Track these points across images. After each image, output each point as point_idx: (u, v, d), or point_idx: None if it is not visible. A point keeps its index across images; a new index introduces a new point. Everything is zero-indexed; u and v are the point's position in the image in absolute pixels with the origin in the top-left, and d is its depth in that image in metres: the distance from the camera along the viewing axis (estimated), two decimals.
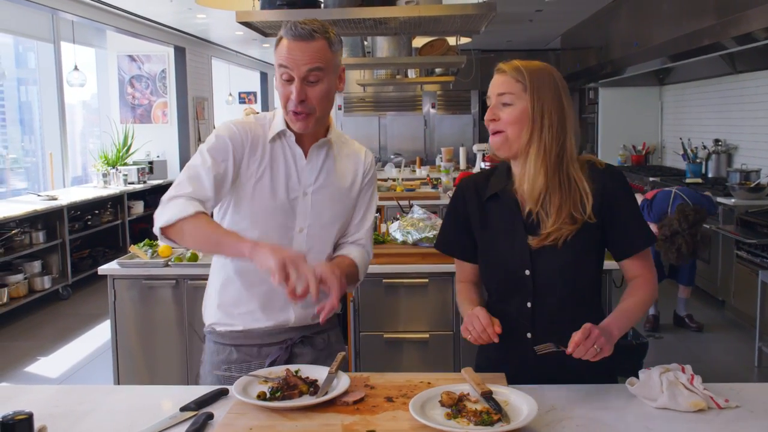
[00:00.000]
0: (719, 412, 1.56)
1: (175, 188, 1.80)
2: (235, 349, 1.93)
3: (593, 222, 1.70)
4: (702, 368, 4.58)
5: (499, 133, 1.72)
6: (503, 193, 1.78)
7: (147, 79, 9.82)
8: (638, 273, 1.78)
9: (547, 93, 1.68)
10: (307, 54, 1.75)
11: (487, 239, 1.81)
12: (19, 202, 6.86)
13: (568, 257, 1.71)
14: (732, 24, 4.77)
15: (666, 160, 9.02)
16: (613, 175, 1.75)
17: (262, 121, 1.91)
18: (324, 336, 1.99)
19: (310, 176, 1.89)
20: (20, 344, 5.41)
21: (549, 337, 1.68)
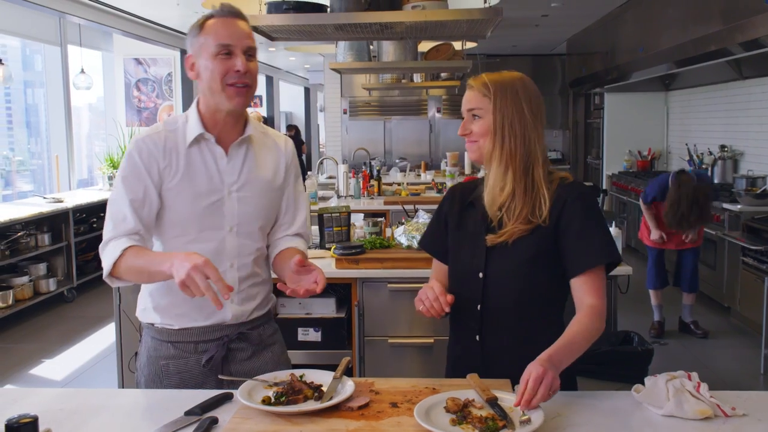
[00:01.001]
0: (726, 420, 1.55)
1: (105, 232, 1.85)
2: (172, 345, 1.94)
3: (546, 226, 1.74)
4: (707, 375, 4.57)
5: (474, 143, 1.82)
6: (476, 200, 1.86)
7: (153, 82, 9.85)
8: (586, 299, 1.72)
9: (509, 105, 1.76)
10: (245, 29, 1.84)
11: (455, 241, 1.90)
12: (24, 204, 6.88)
13: (518, 258, 1.75)
14: (738, 30, 4.76)
15: (672, 165, 8.99)
16: (577, 190, 1.78)
17: (172, 126, 1.90)
18: (259, 330, 2.01)
19: (231, 175, 1.90)
20: (25, 347, 5.42)
21: (497, 342, 1.78)
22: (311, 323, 3.28)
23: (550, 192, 1.76)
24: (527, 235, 1.74)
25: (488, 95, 1.77)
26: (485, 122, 1.78)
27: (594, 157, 10.74)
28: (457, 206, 1.92)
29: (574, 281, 1.75)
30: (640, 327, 4.68)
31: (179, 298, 1.87)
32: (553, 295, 1.81)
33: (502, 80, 1.79)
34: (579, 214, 1.74)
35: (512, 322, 1.78)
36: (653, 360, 4.26)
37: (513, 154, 1.75)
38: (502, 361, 1.78)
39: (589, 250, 1.73)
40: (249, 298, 1.97)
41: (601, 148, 9.97)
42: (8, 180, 8.00)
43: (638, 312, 5.74)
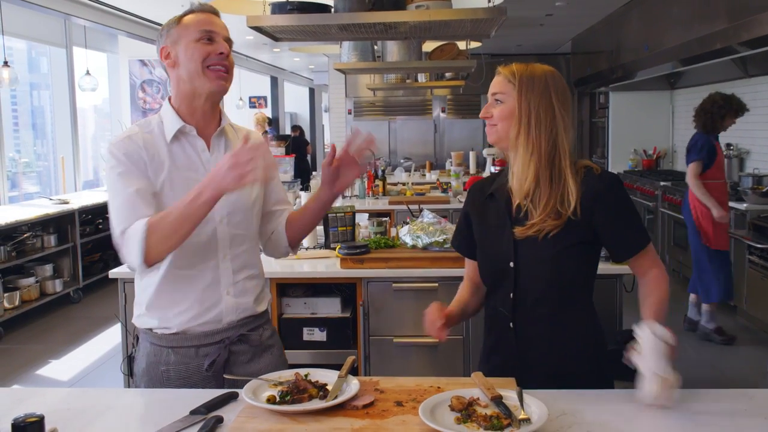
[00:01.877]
0: (733, 419, 1.55)
1: (115, 227, 1.80)
2: (173, 351, 1.92)
3: (577, 219, 1.76)
4: (714, 374, 4.56)
5: (493, 127, 1.86)
6: (498, 191, 1.89)
7: (158, 83, 9.87)
8: (646, 269, 1.84)
9: (536, 94, 1.79)
10: (222, 23, 1.91)
11: (481, 234, 1.94)
12: (31, 205, 6.91)
13: (550, 250, 1.77)
14: (744, 27, 4.75)
15: (677, 164, 8.97)
16: (607, 180, 1.82)
17: (148, 128, 1.90)
18: (258, 332, 2.02)
19: (213, 166, 1.89)
20: (32, 347, 5.44)
21: (530, 329, 1.82)
22: (316, 323, 3.29)
23: (577, 182, 1.78)
24: (559, 230, 1.76)
25: (513, 81, 1.81)
26: (506, 107, 1.81)
27: (599, 156, 10.72)
28: (477, 201, 1.96)
29: (633, 261, 1.85)
30: None
31: (174, 296, 1.89)
32: (583, 280, 1.85)
33: (530, 70, 1.83)
34: (614, 205, 1.80)
35: (545, 309, 1.81)
36: None
37: (538, 143, 1.79)
38: (536, 348, 1.83)
39: (633, 235, 1.82)
40: (245, 291, 1.97)
41: (606, 147, 9.94)
42: (14, 181, 8.03)
43: None
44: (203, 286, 1.91)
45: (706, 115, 4.97)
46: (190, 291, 1.90)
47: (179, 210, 1.72)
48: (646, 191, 7.94)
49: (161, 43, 1.90)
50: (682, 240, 6.86)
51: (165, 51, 1.88)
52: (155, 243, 1.73)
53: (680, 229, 6.89)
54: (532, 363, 1.81)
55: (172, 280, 1.89)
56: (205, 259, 1.89)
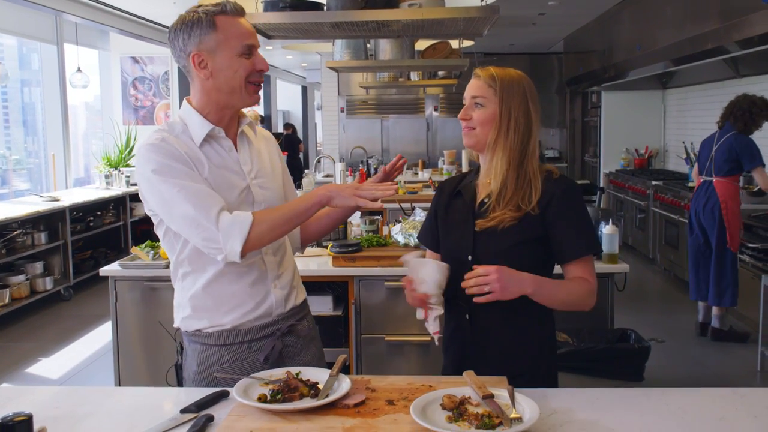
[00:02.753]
0: (723, 418, 1.55)
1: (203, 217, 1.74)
2: (225, 349, 1.90)
3: (535, 214, 1.83)
4: (704, 372, 4.59)
5: (471, 129, 1.90)
6: (465, 188, 1.97)
7: (150, 80, 9.83)
8: (577, 277, 1.87)
9: (516, 99, 1.86)
10: (252, 27, 1.88)
11: (444, 229, 2.00)
12: (21, 203, 6.86)
13: (506, 243, 1.84)
14: (735, 28, 4.76)
15: (669, 163, 9.00)
16: (563, 184, 1.88)
17: (173, 132, 1.86)
18: (305, 322, 2.05)
19: (246, 164, 1.92)
20: (22, 345, 5.42)
21: (486, 319, 1.88)
22: None
23: (540, 183, 1.86)
24: (515, 223, 1.83)
25: (494, 86, 1.86)
26: (487, 112, 1.87)
27: (591, 156, 10.75)
28: (445, 198, 2.02)
29: (567, 267, 1.89)
30: (636, 324, 4.67)
31: (224, 293, 1.88)
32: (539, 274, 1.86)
33: (509, 76, 1.88)
34: (567, 207, 1.86)
35: (500, 302, 1.78)
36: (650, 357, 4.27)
37: (513, 146, 1.86)
38: (490, 338, 1.88)
39: (580, 241, 1.86)
40: (287, 282, 1.99)
41: (598, 147, 9.97)
42: (5, 179, 7.99)
43: (635, 310, 5.75)
44: (252, 281, 1.90)
45: (745, 115, 4.96)
46: (240, 287, 1.89)
47: (290, 206, 1.83)
48: (638, 190, 7.97)
49: (190, 48, 1.80)
50: (673, 239, 6.89)
51: (198, 58, 1.80)
52: (258, 234, 1.76)
53: (671, 228, 6.92)
54: (488, 352, 1.87)
55: (222, 277, 1.87)
56: (252, 254, 1.87)
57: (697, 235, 5.13)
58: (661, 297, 6.68)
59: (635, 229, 8.11)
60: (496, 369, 1.76)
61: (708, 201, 5.03)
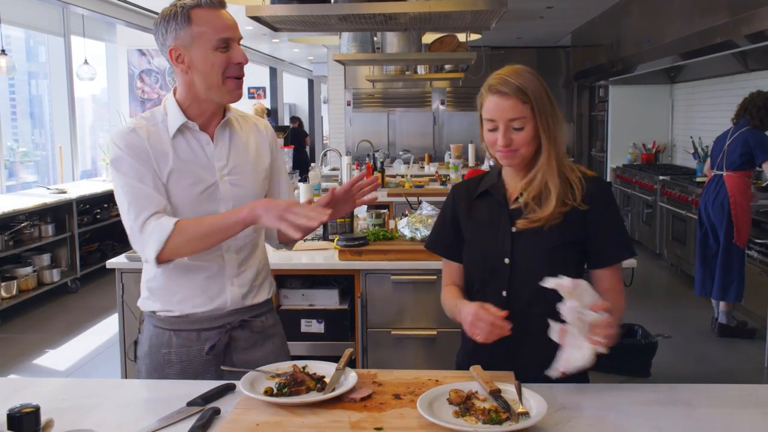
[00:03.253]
0: (731, 414, 1.54)
1: (132, 218, 1.79)
2: (175, 333, 1.93)
3: (582, 210, 1.74)
4: (711, 369, 4.56)
5: (514, 152, 1.76)
6: (493, 188, 1.86)
7: (156, 73, 9.84)
8: (609, 288, 1.78)
9: (548, 107, 1.74)
10: (233, 19, 1.85)
11: (472, 229, 1.88)
12: (28, 195, 6.89)
13: (550, 244, 1.75)
14: (744, 22, 4.73)
15: (676, 158, 8.96)
16: (603, 185, 1.82)
17: (153, 120, 1.88)
18: (261, 319, 2.02)
19: (220, 160, 1.90)
20: (29, 337, 5.44)
21: (522, 328, 1.73)
22: (314, 315, 3.28)
23: (577, 176, 1.77)
24: (559, 222, 1.74)
25: (528, 102, 1.72)
26: (528, 131, 1.74)
27: (598, 150, 10.71)
28: (464, 201, 1.90)
29: (599, 272, 1.80)
30: (643, 320, 4.67)
31: (178, 282, 1.89)
32: None
33: (530, 80, 1.74)
34: (609, 209, 1.79)
35: (537, 309, 1.75)
36: (657, 353, 4.26)
37: (555, 151, 1.76)
38: (525, 348, 1.77)
39: (616, 245, 1.79)
40: (248, 281, 1.97)
41: (605, 141, 9.93)
42: (12, 171, 8.01)
43: (642, 305, 5.73)
44: (207, 276, 1.91)
45: (761, 111, 4.95)
46: (193, 280, 1.90)
47: (214, 220, 1.78)
48: (645, 185, 7.94)
49: (169, 42, 1.81)
50: (680, 234, 6.86)
51: (175, 52, 1.81)
52: (177, 244, 1.76)
53: (679, 224, 6.89)
54: (522, 362, 1.75)
55: (177, 268, 1.89)
56: (210, 250, 1.88)
57: (707, 230, 5.11)
58: (668, 292, 6.66)
59: (642, 224, 8.08)
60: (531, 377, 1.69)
61: (717, 195, 5.01)
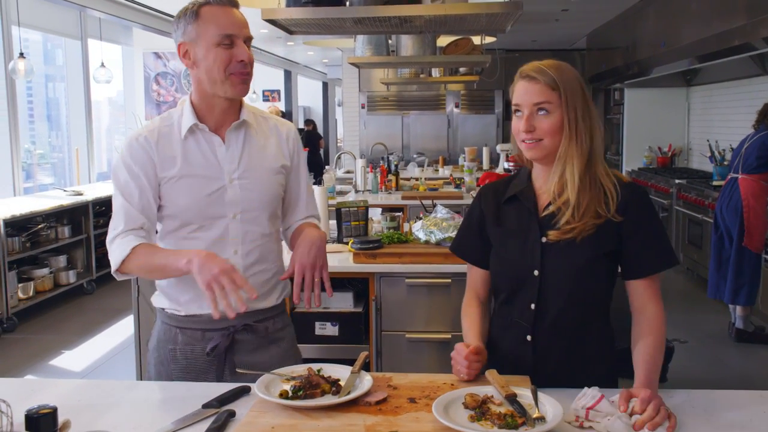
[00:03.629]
0: (750, 420, 1.53)
1: (110, 229, 1.86)
2: (180, 331, 1.95)
3: (616, 221, 1.66)
4: (728, 374, 4.52)
5: (538, 142, 1.68)
6: (522, 194, 1.77)
7: (172, 76, 9.90)
8: (645, 301, 1.69)
9: (579, 99, 1.67)
10: (243, 19, 1.84)
11: (500, 237, 1.80)
12: (45, 197, 6.94)
13: (582, 257, 1.67)
14: (763, 24, 4.69)
15: (692, 162, 8.90)
16: (640, 191, 1.73)
17: (168, 121, 1.91)
18: (266, 324, 2.01)
19: (231, 163, 1.89)
20: (45, 338, 5.48)
21: (550, 342, 1.72)
22: (329, 317, 3.28)
23: (613, 184, 1.68)
24: (593, 233, 1.66)
25: (557, 88, 1.65)
26: (555, 119, 1.65)
27: (613, 153, 10.65)
28: (492, 205, 1.83)
29: (635, 283, 1.71)
30: None
31: (186, 283, 1.89)
32: (606, 294, 1.76)
33: (564, 70, 1.67)
34: (645, 217, 1.69)
35: (566, 322, 1.72)
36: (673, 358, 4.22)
37: (585, 151, 1.66)
38: (553, 362, 1.74)
39: (655, 254, 1.69)
40: (256, 285, 1.93)
41: (620, 144, 9.88)
42: (29, 173, 8.08)
43: None
44: None
45: None
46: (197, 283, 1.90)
47: (163, 257, 1.78)
48: (661, 189, 7.89)
49: (178, 38, 1.86)
50: (696, 239, 6.81)
51: (183, 48, 1.85)
52: (130, 266, 1.81)
53: (695, 228, 6.84)
54: (547, 378, 1.68)
55: None
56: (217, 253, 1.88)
57: (722, 233, 5.07)
58: (684, 297, 6.61)
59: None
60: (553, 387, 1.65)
61: (732, 198, 4.98)
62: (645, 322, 1.68)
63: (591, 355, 1.76)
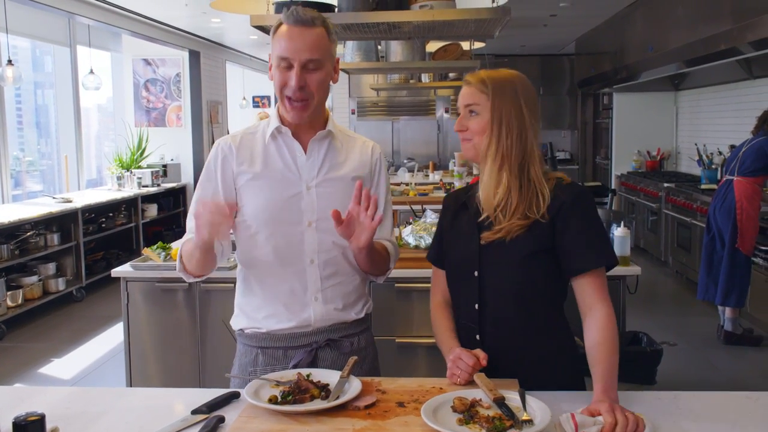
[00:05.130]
0: (736, 422, 1.54)
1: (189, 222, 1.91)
2: (261, 351, 1.93)
3: (545, 221, 1.70)
4: (717, 376, 4.55)
5: (468, 141, 1.79)
6: (470, 200, 1.85)
7: (162, 82, 9.87)
8: (592, 302, 1.69)
9: (507, 102, 1.74)
10: (308, 40, 1.79)
11: (449, 242, 1.89)
12: (34, 204, 6.91)
13: (515, 255, 1.72)
14: (749, 29, 4.73)
15: (681, 166, 8.96)
16: (575, 190, 1.75)
17: (254, 129, 1.96)
18: (352, 339, 1.97)
19: (311, 171, 1.89)
20: (34, 345, 5.45)
21: (499, 342, 1.76)
22: None
23: (548, 190, 1.73)
24: (524, 233, 1.71)
25: (486, 92, 1.75)
26: (482, 119, 1.76)
27: (602, 158, 10.71)
28: (450, 211, 1.92)
29: (577, 281, 1.72)
30: (649, 327, 4.64)
31: (261, 298, 1.90)
32: (552, 291, 1.77)
33: (499, 77, 1.77)
34: (578, 215, 1.71)
35: (512, 320, 1.76)
36: (662, 360, 4.24)
37: (509, 152, 1.73)
38: (504, 360, 1.75)
39: (588, 251, 1.70)
40: (335, 297, 1.92)
41: (609, 148, 9.93)
42: (18, 180, 8.03)
43: (647, 312, 5.72)
44: (288, 290, 1.89)
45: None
46: (275, 294, 1.90)
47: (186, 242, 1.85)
48: (650, 192, 7.93)
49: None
50: (685, 242, 6.85)
51: (270, 61, 1.86)
52: (187, 266, 1.89)
53: (684, 231, 6.88)
54: (502, 373, 1.72)
55: (255, 282, 1.91)
56: (290, 263, 1.88)
57: (714, 234, 5.10)
58: (673, 300, 6.64)
59: (647, 232, 8.07)
60: None
61: (725, 200, 5.01)
62: (593, 325, 1.67)
63: (548, 354, 1.77)
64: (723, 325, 5.14)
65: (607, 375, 1.60)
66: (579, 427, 1.45)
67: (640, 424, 1.47)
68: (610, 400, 1.53)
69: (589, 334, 1.68)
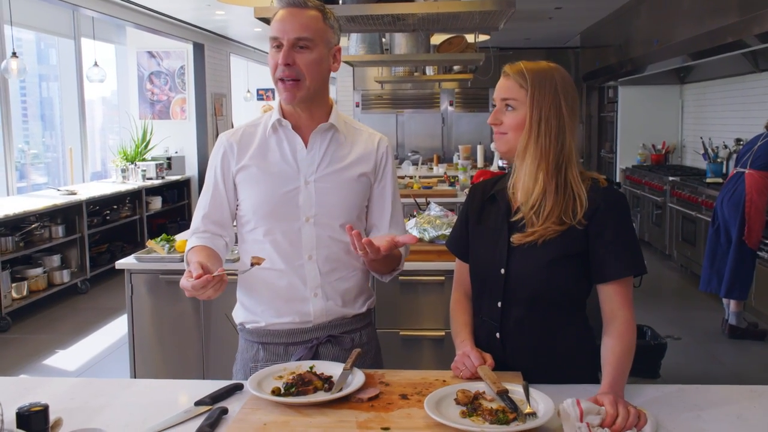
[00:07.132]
0: (739, 416, 1.54)
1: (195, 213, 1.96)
2: (262, 347, 1.93)
3: (581, 228, 1.66)
4: (721, 370, 4.54)
5: (503, 135, 1.74)
6: (499, 194, 1.80)
7: (166, 75, 9.87)
8: (615, 308, 1.67)
9: (547, 99, 1.68)
10: (297, 21, 1.77)
11: (475, 236, 1.84)
12: (39, 196, 6.92)
13: (545, 259, 1.68)
14: (755, 21, 4.71)
15: (686, 159, 8.93)
16: (612, 196, 1.71)
17: (257, 122, 1.95)
18: (353, 335, 1.96)
19: (310, 165, 1.86)
20: (39, 337, 5.47)
21: (518, 340, 1.73)
22: None
23: (584, 192, 1.68)
24: (559, 236, 1.67)
25: (525, 86, 1.68)
26: (519, 115, 1.70)
27: (607, 151, 10.67)
28: (477, 202, 1.86)
29: (604, 287, 1.69)
30: (653, 321, 4.65)
31: (260, 291, 1.90)
32: (575, 293, 1.75)
33: (540, 71, 1.70)
34: (613, 222, 1.67)
35: (534, 319, 1.73)
36: (666, 354, 4.24)
37: (547, 151, 1.67)
38: (523, 359, 1.74)
39: (620, 259, 1.67)
40: (335, 293, 1.91)
41: (614, 142, 9.90)
42: (23, 172, 8.05)
43: (651, 306, 5.71)
44: (287, 285, 1.88)
45: None
46: (274, 289, 1.89)
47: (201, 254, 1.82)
48: (655, 186, 7.91)
49: None
50: (690, 235, 6.83)
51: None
52: None
53: (688, 224, 6.86)
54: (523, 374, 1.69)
55: (260, 277, 1.89)
56: (288, 259, 1.86)
57: (719, 226, 5.08)
58: (678, 294, 6.63)
59: (652, 225, 8.05)
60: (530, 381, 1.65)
61: (735, 192, 4.99)
62: (614, 329, 1.66)
63: (564, 355, 1.75)
64: (727, 319, 5.13)
65: (616, 373, 1.60)
66: (585, 414, 1.44)
67: (642, 417, 1.47)
68: (614, 394, 1.53)
69: (607, 339, 1.66)
